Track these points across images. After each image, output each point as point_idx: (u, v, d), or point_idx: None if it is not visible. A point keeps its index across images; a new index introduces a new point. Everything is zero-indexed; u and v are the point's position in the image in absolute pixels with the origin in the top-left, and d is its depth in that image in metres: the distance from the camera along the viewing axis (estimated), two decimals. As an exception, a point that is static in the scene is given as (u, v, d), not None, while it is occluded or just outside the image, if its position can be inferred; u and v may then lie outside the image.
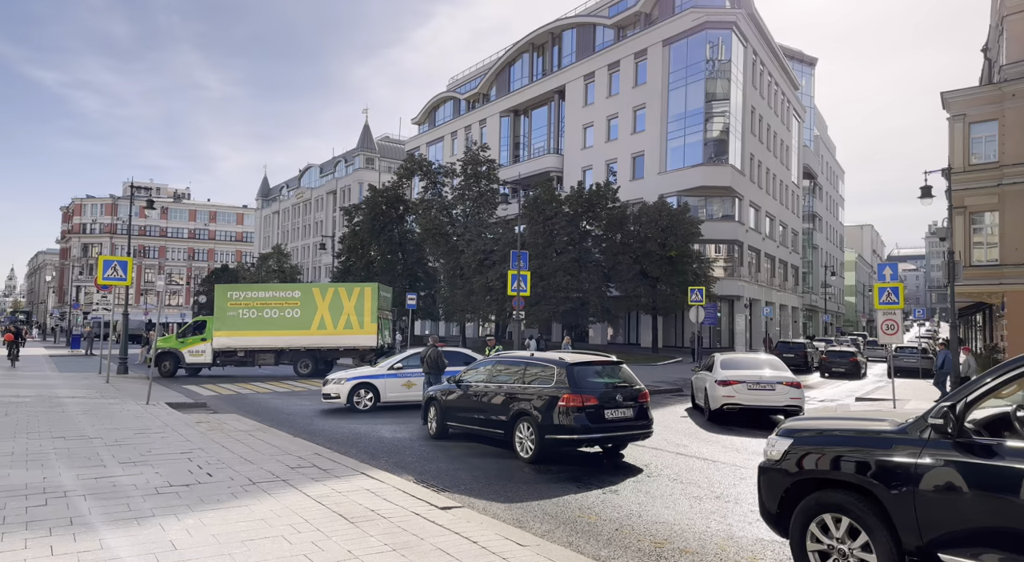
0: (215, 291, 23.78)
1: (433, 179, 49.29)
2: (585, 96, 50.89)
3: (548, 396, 8.58)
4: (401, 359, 14.52)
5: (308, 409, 14.85)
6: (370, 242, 55.03)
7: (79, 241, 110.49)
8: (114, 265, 19.18)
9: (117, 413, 12.56)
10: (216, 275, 79.18)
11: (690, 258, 36.95)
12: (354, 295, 23.97)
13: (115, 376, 21.24)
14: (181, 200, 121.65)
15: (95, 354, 36.62)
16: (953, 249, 20.18)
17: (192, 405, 15.20)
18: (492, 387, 9.64)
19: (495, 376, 9.80)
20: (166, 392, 17.38)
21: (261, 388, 19.91)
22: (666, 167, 43.85)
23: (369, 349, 23.89)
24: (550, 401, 8.51)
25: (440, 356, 12.32)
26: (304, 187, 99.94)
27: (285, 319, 23.40)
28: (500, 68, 61.88)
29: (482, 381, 9.98)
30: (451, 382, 10.65)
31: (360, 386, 14.07)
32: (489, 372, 9.99)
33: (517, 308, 22.60)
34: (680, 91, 43.10)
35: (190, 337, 23.58)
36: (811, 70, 65.40)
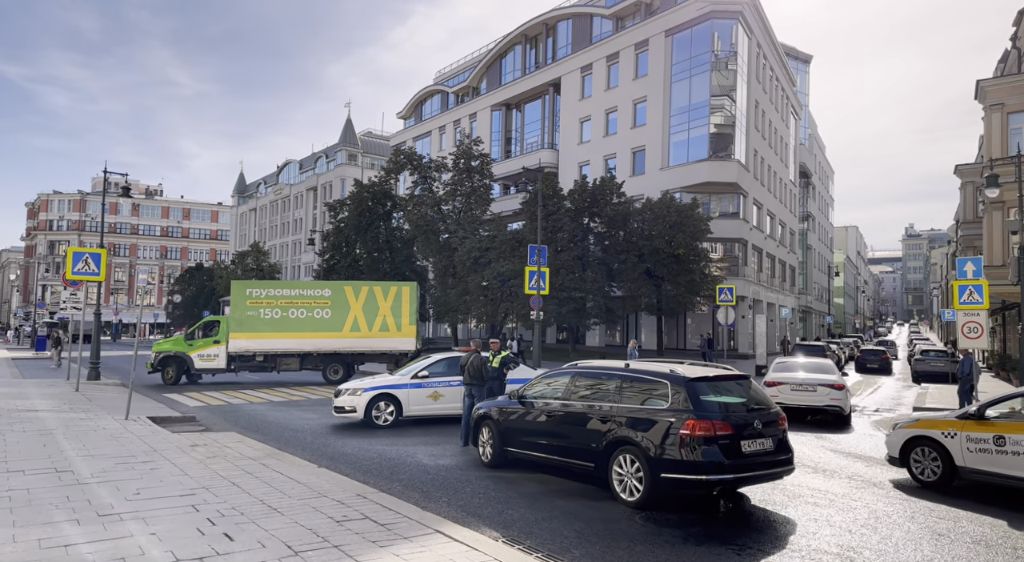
0: (232, 288, 21.37)
1: (424, 174, 47.19)
2: (582, 89, 49.18)
3: (661, 421, 6.66)
4: (426, 366, 12.51)
5: (317, 424, 12.78)
6: (355, 239, 52.74)
7: (45, 238, 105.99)
8: (85, 258, 16.90)
9: (91, 432, 10.39)
10: (191, 274, 76.07)
11: (698, 257, 35.39)
12: (391, 294, 21.88)
13: (85, 383, 18.89)
14: (153, 197, 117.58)
15: (62, 357, 33.84)
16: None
17: (179, 420, 13.03)
18: (575, 406, 7.65)
19: (576, 392, 7.83)
20: (145, 403, 15.17)
21: (253, 397, 17.74)
22: (668, 162, 42.31)
23: (407, 353, 21.97)
24: (665, 428, 6.58)
25: (484, 364, 10.33)
26: (283, 183, 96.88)
27: (314, 320, 21.09)
28: (491, 60, 59.93)
29: (557, 398, 8.00)
30: (511, 398, 8.67)
31: (380, 398, 12.05)
32: (567, 386, 7.99)
33: (537, 308, 20.67)
34: (684, 83, 41.58)
35: (200, 339, 21.00)
36: (805, 67, 64.59)
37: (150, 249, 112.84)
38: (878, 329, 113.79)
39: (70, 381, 19.67)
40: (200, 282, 70.80)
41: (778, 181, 51.16)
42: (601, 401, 7.42)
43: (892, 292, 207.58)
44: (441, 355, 13.03)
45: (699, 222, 34.77)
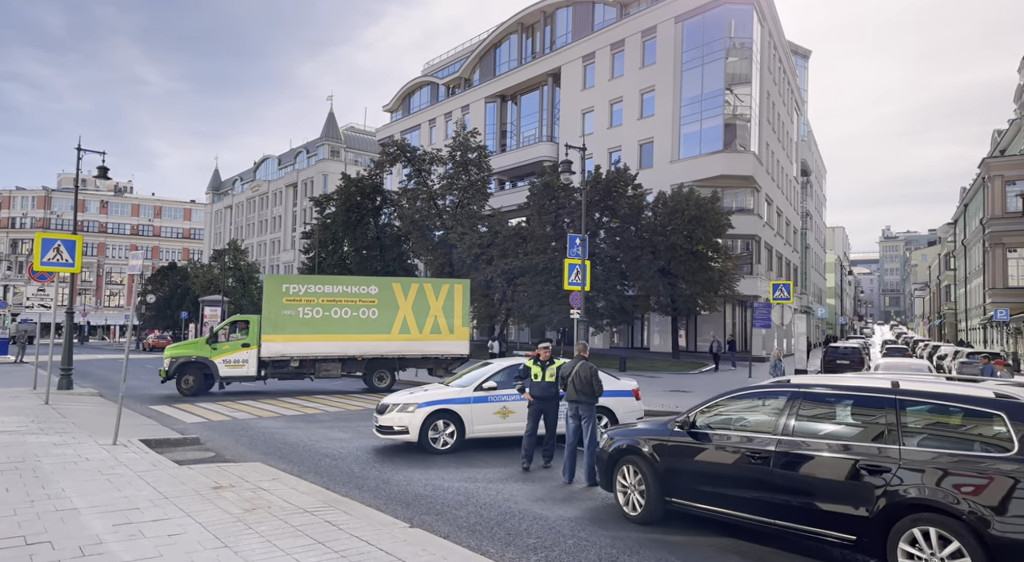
0: (265, 284, 18.72)
1: (418, 167, 44.60)
2: (584, 79, 47.07)
3: (998, 475, 4.27)
4: (491, 376, 10.12)
5: (354, 448, 10.32)
6: (343, 236, 49.96)
7: (7, 236, 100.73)
8: (57, 246, 14.20)
9: (70, 465, 7.83)
10: (164, 273, 72.12)
11: (717, 253, 33.45)
12: (442, 293, 19.52)
13: (56, 392, 16.10)
14: (123, 194, 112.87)
15: (27, 362, 30.64)
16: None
17: (179, 443, 10.47)
18: (810, 446, 5.15)
19: (806, 423, 5.37)
20: (131, 418, 12.51)
21: (259, 410, 15.15)
22: (679, 155, 40.40)
23: (460, 358, 19.83)
24: (1007, 487, 4.20)
25: (595, 375, 7.90)
26: (260, 179, 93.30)
27: (359, 320, 18.61)
28: (485, 50, 57.58)
29: (768, 432, 5.50)
30: (674, 426, 6.26)
31: (438, 415, 9.64)
32: (783, 414, 5.49)
33: (577, 306, 18.39)
34: (696, 72, 39.70)
35: (226, 342, 18.22)
36: (804, 63, 63.44)
37: (119, 248, 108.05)
38: (864, 330, 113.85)
39: (37, 390, 16.84)
40: (174, 282, 67.05)
41: (785, 177, 49.68)
42: (862, 439, 4.99)
43: (869, 293, 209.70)
44: (506, 361, 10.62)
45: (720, 216, 32.84)
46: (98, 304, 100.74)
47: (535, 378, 8.49)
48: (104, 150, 18.33)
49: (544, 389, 8.52)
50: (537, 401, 8.50)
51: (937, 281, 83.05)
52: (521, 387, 8.53)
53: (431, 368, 19.97)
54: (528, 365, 8.54)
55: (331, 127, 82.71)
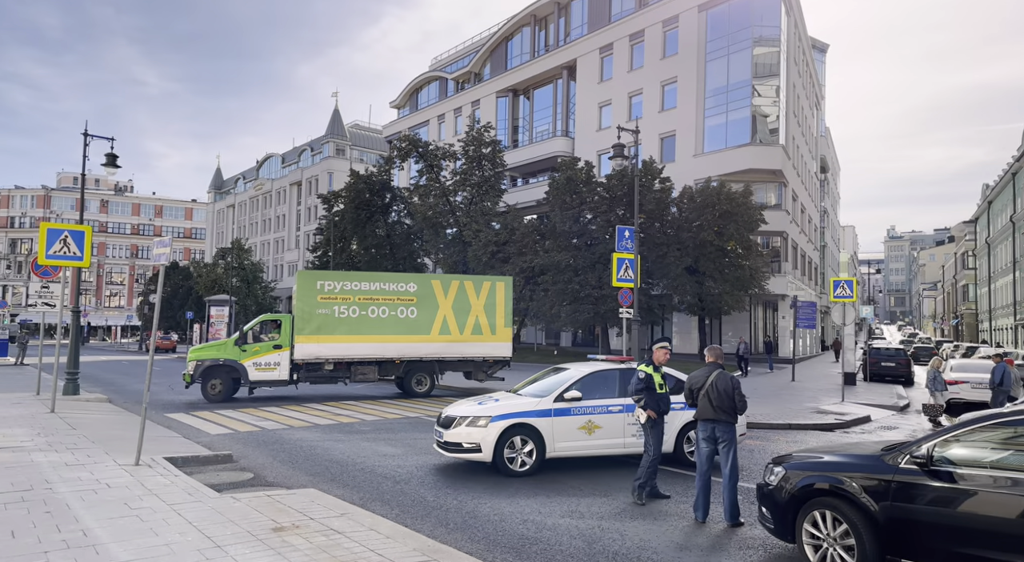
0: (298, 280, 17.32)
1: (431, 162, 43.21)
2: (600, 71, 45.68)
3: None
4: (573, 383, 8.70)
5: (412, 467, 8.90)
6: (352, 234, 48.59)
7: (6, 236, 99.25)
8: (64, 237, 12.81)
9: (88, 494, 6.42)
10: (166, 273, 70.43)
11: (748, 250, 32.05)
12: (483, 290, 18.21)
13: (62, 398, 14.68)
14: (123, 193, 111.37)
15: (28, 364, 29.22)
16: None
17: (210, 461, 9.05)
18: None
19: None
20: (149, 428, 10.98)
21: (289, 418, 13.74)
22: (703, 148, 39.01)
23: (503, 361, 18.60)
24: None
25: (737, 387, 6.22)
26: (263, 178, 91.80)
27: (397, 320, 17.29)
28: (496, 43, 56.18)
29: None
30: (895, 461, 4.65)
31: (515, 430, 8.26)
32: None
33: (625, 305, 16.99)
34: (721, 62, 38.32)
35: (255, 343, 16.74)
36: (822, 56, 62.05)
37: (120, 248, 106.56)
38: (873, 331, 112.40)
39: (41, 396, 15.46)
40: (176, 282, 65.56)
41: (808, 173, 48.33)
42: None
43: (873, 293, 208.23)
44: (587, 366, 9.19)
45: (753, 211, 31.45)
46: (98, 304, 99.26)
47: (659, 389, 7.04)
48: (113, 136, 16.90)
49: (669, 403, 7.11)
50: (659, 418, 7.05)
51: (953, 281, 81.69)
52: (643, 402, 7.02)
53: (469, 372, 18.61)
54: (648, 372, 7.07)
55: (336, 124, 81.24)
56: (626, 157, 16.50)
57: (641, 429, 8.52)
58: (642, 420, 6.96)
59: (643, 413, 6.95)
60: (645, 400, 6.94)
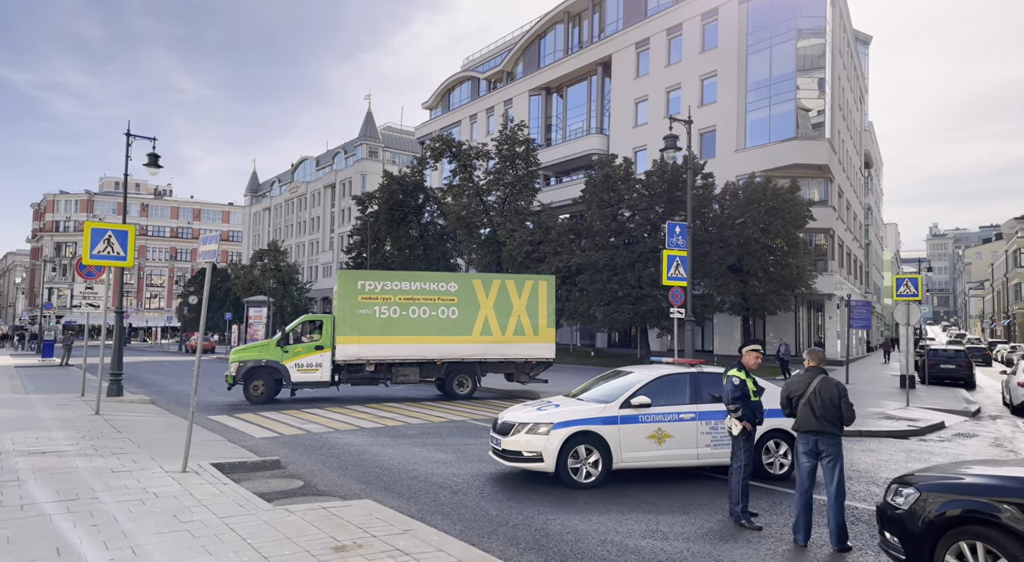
0: (339, 280, 17.09)
1: (464, 162, 42.90)
2: (637, 66, 44.83)
3: None
4: (641, 388, 8.10)
5: (467, 475, 8.41)
6: (386, 235, 48.54)
7: (52, 240, 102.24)
8: (108, 237, 12.64)
9: (137, 507, 6.06)
10: (203, 275, 71.68)
11: (796, 248, 30.92)
12: (525, 290, 17.76)
13: (106, 400, 14.59)
14: (163, 197, 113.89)
15: (72, 364, 29.68)
16: None
17: (258, 467, 8.68)
18: None
19: None
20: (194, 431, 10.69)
21: (332, 421, 13.39)
22: (745, 143, 37.91)
23: (545, 362, 18.14)
24: None
25: (844, 395, 5.44)
26: (298, 181, 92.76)
27: (438, 320, 16.96)
28: (528, 42, 55.68)
29: None
30: None
31: (578, 438, 7.71)
32: None
33: (676, 304, 16.31)
34: (763, 54, 37.19)
35: (297, 344, 16.48)
36: (865, 49, 60.13)
37: (159, 251, 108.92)
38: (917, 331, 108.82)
39: (86, 397, 15.42)
40: (214, 284, 66.47)
41: (853, 168, 46.76)
42: None
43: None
44: (655, 370, 8.57)
45: (801, 207, 30.34)
46: (139, 306, 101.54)
47: (753, 397, 6.38)
48: (154, 136, 16.82)
49: (763, 412, 6.44)
50: (753, 430, 6.39)
51: (1003, 279, 78.46)
52: (739, 413, 6.32)
53: (511, 373, 18.12)
54: (743, 378, 6.41)
55: (369, 126, 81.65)
56: (678, 148, 15.79)
57: (715, 440, 7.91)
58: (735, 432, 6.30)
59: (737, 424, 6.29)
60: (744, 410, 6.28)
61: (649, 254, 31.84)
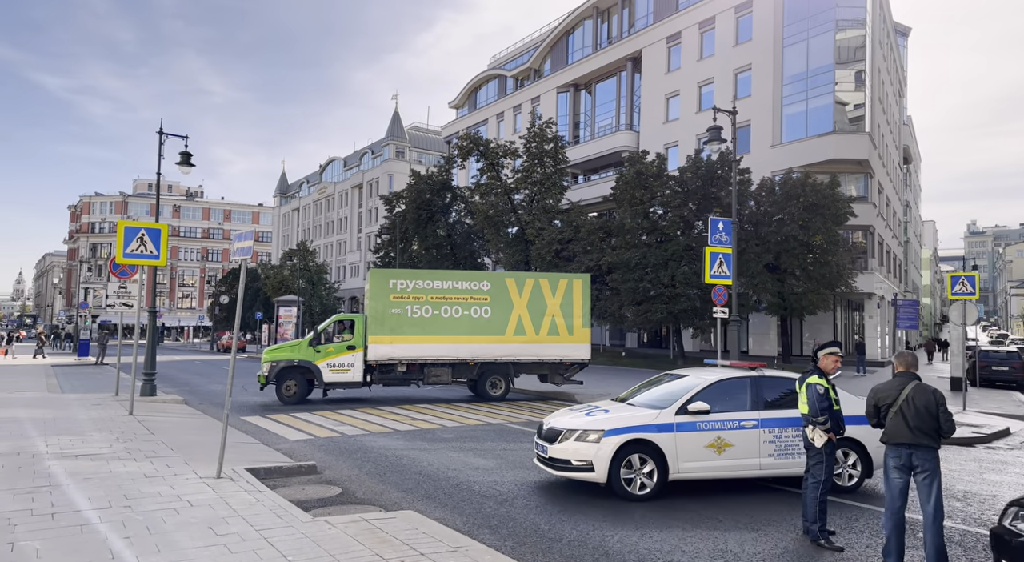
0: (370, 278, 16.85)
1: (492, 160, 42.56)
2: (668, 61, 44.00)
3: None
4: (698, 393, 7.61)
5: (512, 484, 7.98)
6: (413, 235, 48.42)
7: (87, 241, 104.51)
8: (141, 235, 12.48)
9: (172, 517, 5.75)
10: (234, 275, 72.55)
11: (836, 246, 29.92)
12: (559, 289, 17.36)
13: (139, 399, 14.48)
14: (194, 198, 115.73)
15: (107, 363, 30.00)
16: None
17: (293, 472, 8.36)
18: None
19: None
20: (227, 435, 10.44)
21: (363, 422, 13.08)
22: (780, 138, 36.90)
23: (580, 363, 17.76)
24: None
25: (942, 404, 4.91)
26: (326, 182, 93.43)
27: (471, 320, 16.64)
28: (556, 38, 55.10)
29: None
30: None
31: (631, 447, 7.25)
32: None
33: (720, 304, 15.69)
34: (800, 47, 36.15)
35: (329, 344, 16.22)
36: (904, 41, 58.33)
37: (191, 251, 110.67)
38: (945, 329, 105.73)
39: (120, 397, 15.35)
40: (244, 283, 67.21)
41: (892, 164, 45.33)
42: None
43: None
44: (712, 373, 8.03)
45: (842, 203, 29.35)
46: (171, 306, 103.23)
47: (835, 405, 5.80)
48: (187, 134, 16.72)
49: (844, 422, 5.85)
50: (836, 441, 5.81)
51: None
52: (827, 424, 5.64)
53: (545, 374, 17.68)
54: (825, 386, 5.82)
55: (396, 126, 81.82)
56: (723, 140, 15.19)
57: (778, 449, 7.37)
58: (819, 443, 5.71)
59: (822, 435, 5.70)
60: (830, 420, 5.69)
61: (683, 252, 31.13)
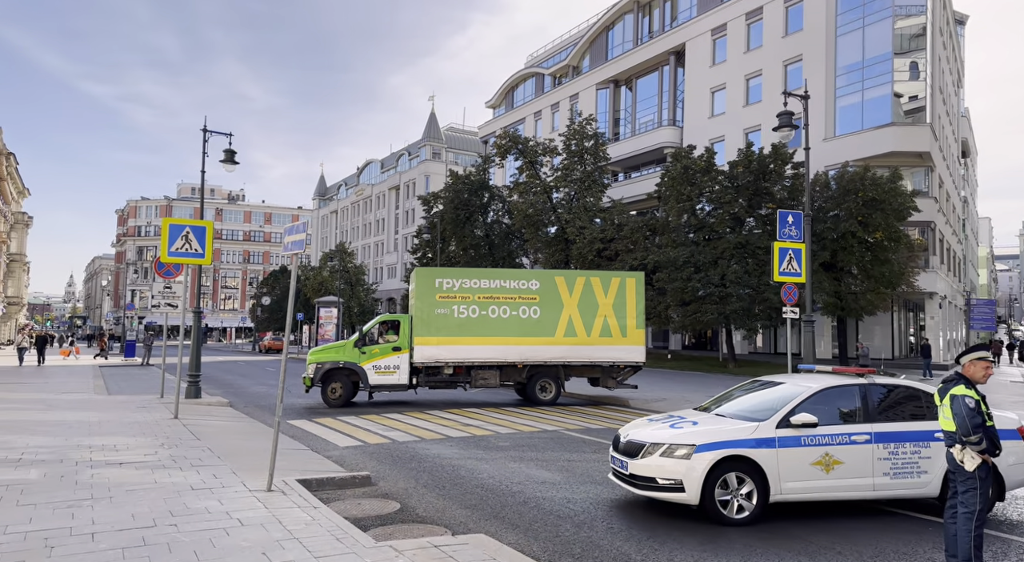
0: (415, 277, 16.34)
1: (531, 158, 41.91)
2: (713, 54, 42.70)
3: None
4: (802, 402, 6.62)
5: (586, 501, 7.24)
6: (451, 235, 48.02)
7: (134, 244, 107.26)
8: (186, 233, 12.10)
9: (221, 539, 5.18)
10: (275, 277, 73.49)
11: (897, 243, 28.37)
12: (611, 288, 16.52)
13: (184, 402, 14.19)
14: (236, 202, 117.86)
15: (152, 364, 30.24)
16: None
17: (346, 484, 7.76)
18: None
19: None
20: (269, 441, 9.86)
21: (413, 428, 12.49)
22: (834, 131, 35.33)
23: (635, 366, 16.83)
24: None
25: None
26: (364, 184, 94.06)
27: (519, 320, 15.96)
28: (595, 34, 54.16)
29: None
30: None
31: (728, 464, 6.42)
32: None
33: (790, 303, 14.71)
34: (855, 35, 34.55)
35: (374, 345, 15.69)
36: (961, 30, 55.62)
37: (233, 254, 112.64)
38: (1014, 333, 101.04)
39: (165, 399, 15.10)
40: (284, 285, 67.96)
41: (952, 157, 43.17)
42: None
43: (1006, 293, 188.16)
44: (816, 380, 7.10)
45: (904, 198, 27.82)
46: (214, 307, 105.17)
47: (989, 421, 4.86)
48: (230, 132, 16.43)
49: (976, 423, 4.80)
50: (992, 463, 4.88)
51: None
52: (981, 444, 4.63)
53: (596, 378, 16.88)
54: (975, 397, 4.86)
55: (432, 127, 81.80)
56: (795, 126, 14.21)
57: (894, 467, 6.46)
58: (970, 467, 4.75)
59: (974, 457, 4.76)
60: (984, 440, 4.75)
61: (733, 250, 29.98)
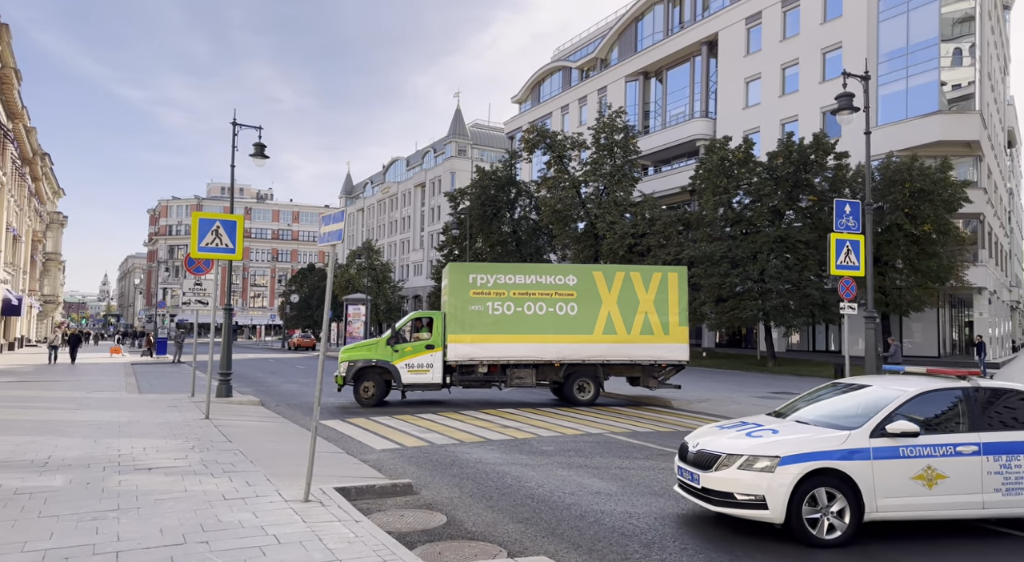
0: (448, 272, 15.88)
1: (560, 152, 41.17)
2: (747, 43, 41.53)
3: None
4: (899, 408, 5.88)
5: (650, 516, 6.60)
6: (477, 231, 47.54)
7: (165, 243, 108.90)
8: (215, 227, 11.73)
9: (255, 560, 4.65)
10: (303, 275, 73.71)
11: (946, 236, 27.13)
12: (652, 283, 15.77)
13: (215, 401, 13.87)
14: (264, 201, 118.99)
15: (183, 362, 30.25)
16: None
17: (387, 492, 7.24)
18: None
19: None
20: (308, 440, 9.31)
21: (451, 429, 11.97)
22: (876, 120, 33.94)
23: (677, 365, 16.04)
24: None
25: None
26: (389, 181, 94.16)
27: (556, 317, 15.28)
28: (624, 26, 53.16)
29: None
30: None
31: (815, 478, 5.69)
32: None
33: (848, 298, 13.89)
34: (898, 20, 33.19)
35: (407, 343, 15.30)
36: (1007, 15, 53.44)
37: (262, 252, 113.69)
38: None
39: (195, 398, 14.81)
40: (312, 283, 68.15)
41: (1000, 146, 41.43)
42: None
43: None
44: (913, 383, 6.30)
45: (954, 189, 26.57)
46: (244, 305, 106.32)
47: None
48: (260, 125, 16.07)
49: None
50: None
51: None
52: None
53: (636, 377, 16.18)
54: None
55: (458, 124, 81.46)
56: (855, 108, 13.37)
57: (1007, 482, 5.72)
58: None
59: None
60: None
61: (772, 244, 28.98)
